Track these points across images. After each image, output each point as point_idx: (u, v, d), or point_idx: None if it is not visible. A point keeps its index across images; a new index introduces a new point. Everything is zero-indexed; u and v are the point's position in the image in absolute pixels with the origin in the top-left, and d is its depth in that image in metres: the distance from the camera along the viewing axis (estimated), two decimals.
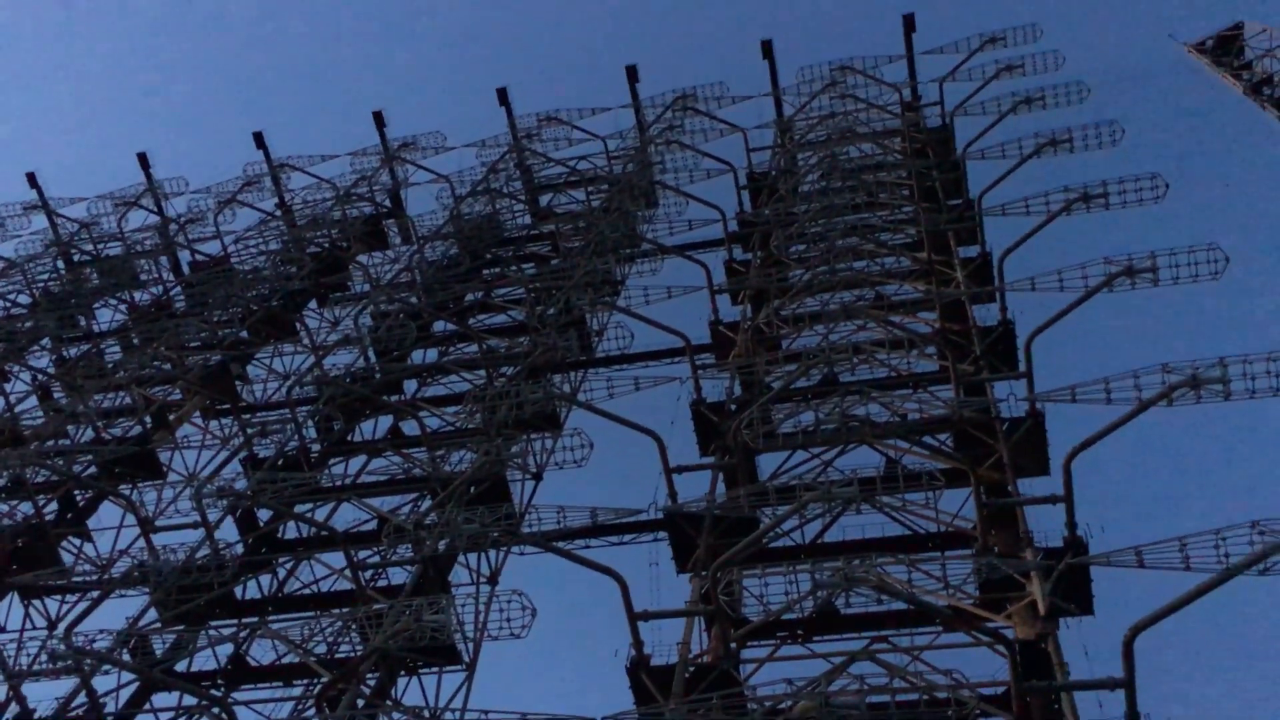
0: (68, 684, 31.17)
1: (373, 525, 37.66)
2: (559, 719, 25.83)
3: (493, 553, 35.05)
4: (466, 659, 30.78)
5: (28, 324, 55.06)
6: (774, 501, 31.06)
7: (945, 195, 47.86)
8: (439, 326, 49.86)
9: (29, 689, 31.81)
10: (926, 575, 28.91)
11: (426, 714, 28.95)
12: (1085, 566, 27.45)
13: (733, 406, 37.09)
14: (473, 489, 36.11)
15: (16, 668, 31.37)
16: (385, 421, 45.10)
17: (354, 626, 31.66)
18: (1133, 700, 22.86)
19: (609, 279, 48.13)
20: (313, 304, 56.78)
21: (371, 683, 30.54)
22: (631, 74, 63.03)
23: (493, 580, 34.64)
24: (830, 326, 41.59)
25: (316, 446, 42.67)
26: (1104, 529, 27.93)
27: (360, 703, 28.78)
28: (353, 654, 31.03)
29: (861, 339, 39.77)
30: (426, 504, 37.73)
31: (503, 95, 64.65)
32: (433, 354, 49.30)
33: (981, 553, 29.37)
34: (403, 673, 31.67)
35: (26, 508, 40.68)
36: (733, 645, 28.74)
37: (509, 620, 30.33)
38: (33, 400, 49.54)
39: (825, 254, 44.63)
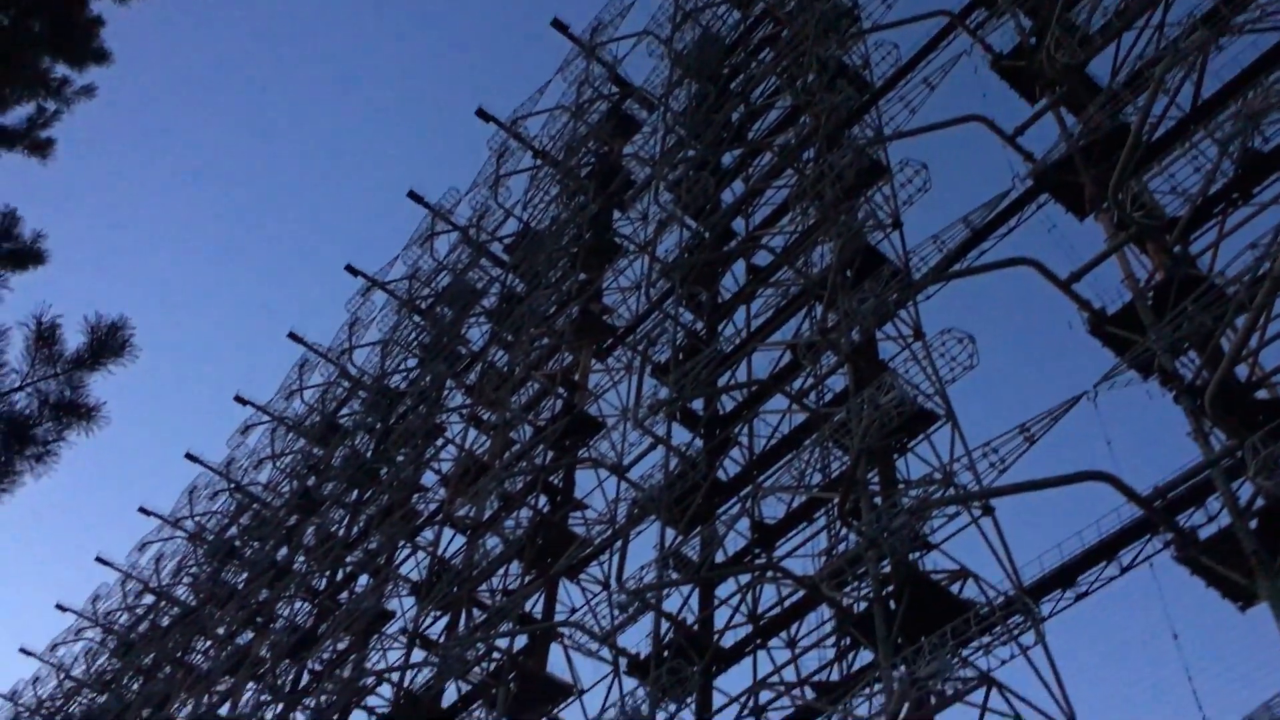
0: None
1: (786, 359, 38.58)
2: None
3: (905, 311, 34.78)
4: (940, 412, 30.91)
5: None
6: None
7: None
8: (727, 160, 49.75)
9: None
10: None
11: (938, 475, 29.44)
12: None
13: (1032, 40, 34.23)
14: (848, 273, 35.99)
15: None
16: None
17: (829, 444, 32.81)
18: None
19: (841, 12, 45.74)
20: (616, 216, 58.37)
21: (874, 477, 31.48)
22: None
23: (918, 333, 34.29)
24: None
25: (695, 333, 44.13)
26: None
27: (878, 500, 29.78)
28: (843, 469, 32.15)
29: None
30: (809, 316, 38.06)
31: None
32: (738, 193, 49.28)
33: None
34: (896, 455, 32.40)
35: None
36: None
37: (954, 359, 30.26)
38: None
39: None
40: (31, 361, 9.90)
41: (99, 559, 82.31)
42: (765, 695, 32.06)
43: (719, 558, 35.27)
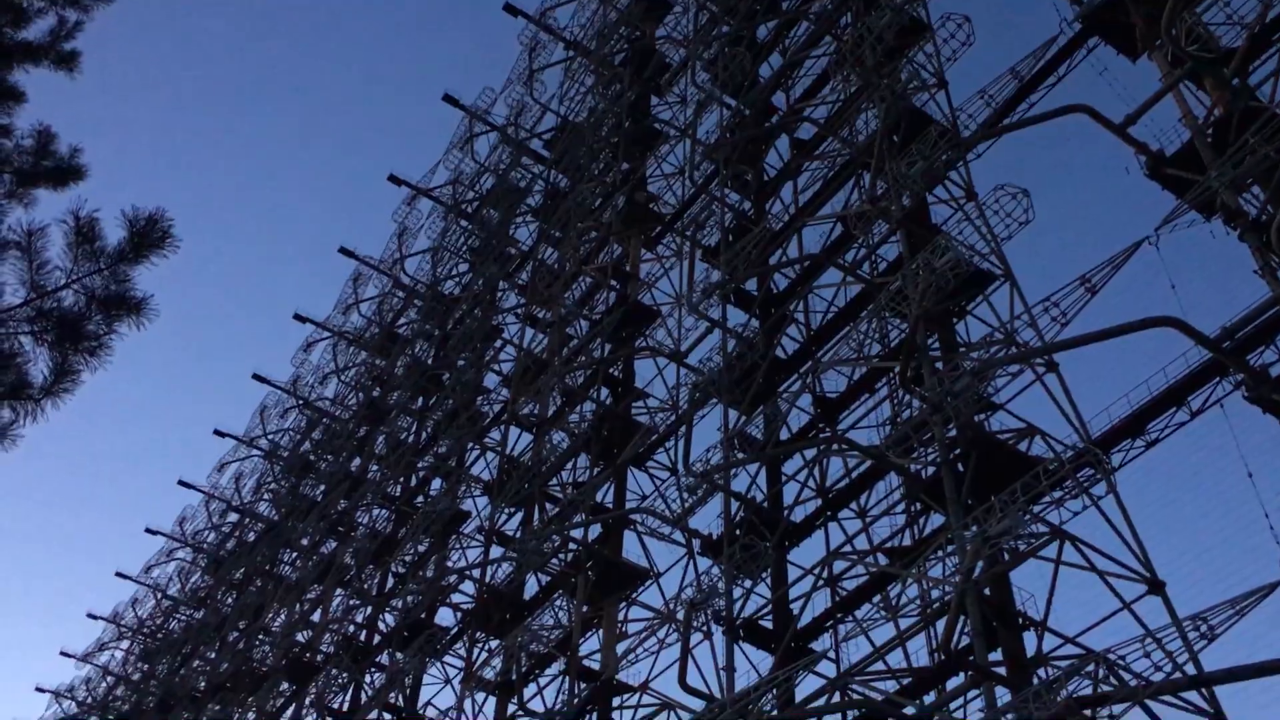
0: None
1: (837, 232, 38.12)
2: None
3: (955, 172, 34.06)
4: (998, 271, 30.42)
5: None
6: None
7: None
8: (762, 33, 48.56)
9: None
10: None
11: (999, 335, 29.14)
12: None
13: None
14: (894, 138, 35.23)
15: None
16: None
17: (886, 313, 32.56)
18: None
19: None
20: (654, 101, 57.44)
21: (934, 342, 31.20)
22: None
23: (970, 193, 33.62)
24: None
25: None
26: None
27: (940, 365, 29.60)
28: (902, 337, 31.92)
29: None
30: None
31: None
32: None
33: None
34: (955, 319, 32.03)
35: None
36: None
37: (1008, 216, 29.68)
38: None
39: None
40: (74, 258, 9.97)
41: (181, 482, 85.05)
42: (839, 565, 32.48)
43: (783, 435, 35.47)
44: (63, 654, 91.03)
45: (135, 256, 10.09)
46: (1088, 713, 19.26)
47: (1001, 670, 24.11)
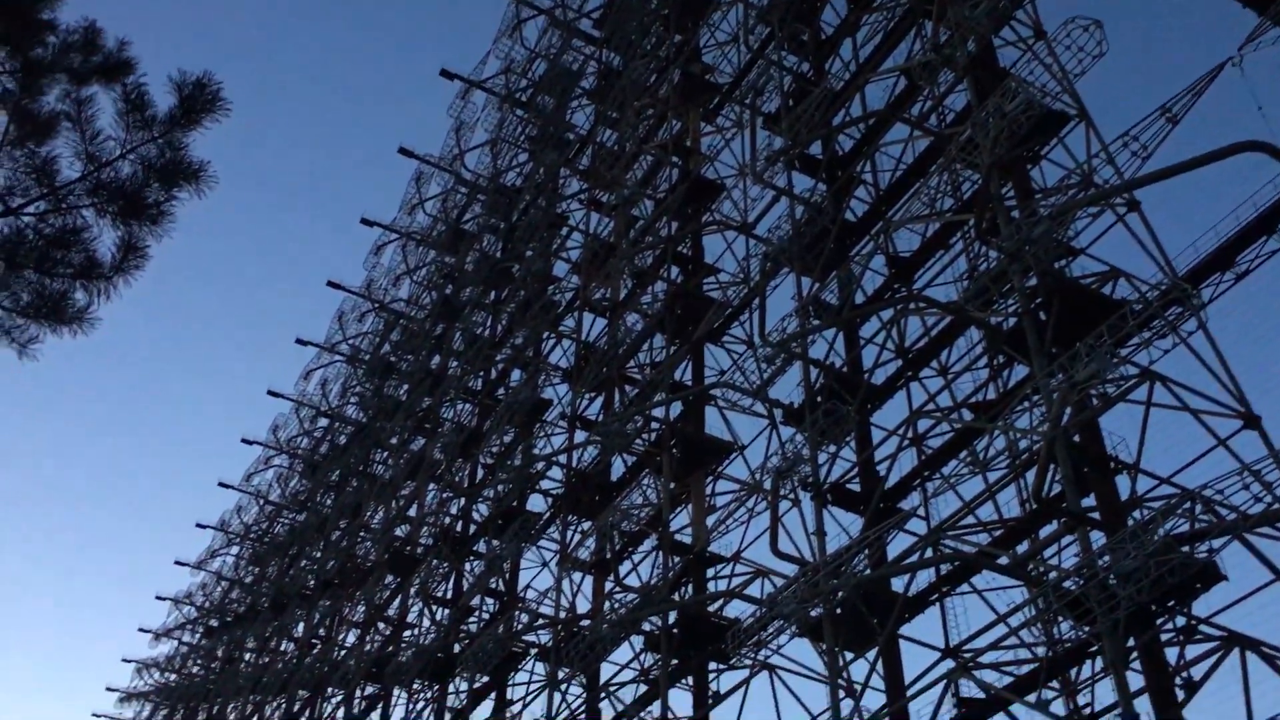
0: None
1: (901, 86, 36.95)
2: None
3: (1022, 10, 32.64)
4: (1072, 111, 29.29)
5: None
6: None
7: None
8: None
9: None
10: None
11: (1076, 177, 28.21)
12: None
13: None
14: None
15: None
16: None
17: (957, 165, 31.71)
18: None
19: None
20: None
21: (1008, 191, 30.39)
22: None
23: (1039, 32, 32.22)
24: None
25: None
26: None
27: (1016, 214, 28.86)
28: (975, 188, 31.14)
29: None
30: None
31: None
32: None
33: None
34: (1029, 166, 31.10)
35: None
36: None
37: (1081, 50, 28.48)
38: None
39: None
40: (126, 127, 9.87)
41: (270, 392, 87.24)
42: (923, 424, 32.36)
43: (859, 298, 35.08)
44: (177, 563, 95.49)
45: (187, 122, 9.97)
46: (1185, 549, 19.10)
47: (1095, 515, 23.99)
